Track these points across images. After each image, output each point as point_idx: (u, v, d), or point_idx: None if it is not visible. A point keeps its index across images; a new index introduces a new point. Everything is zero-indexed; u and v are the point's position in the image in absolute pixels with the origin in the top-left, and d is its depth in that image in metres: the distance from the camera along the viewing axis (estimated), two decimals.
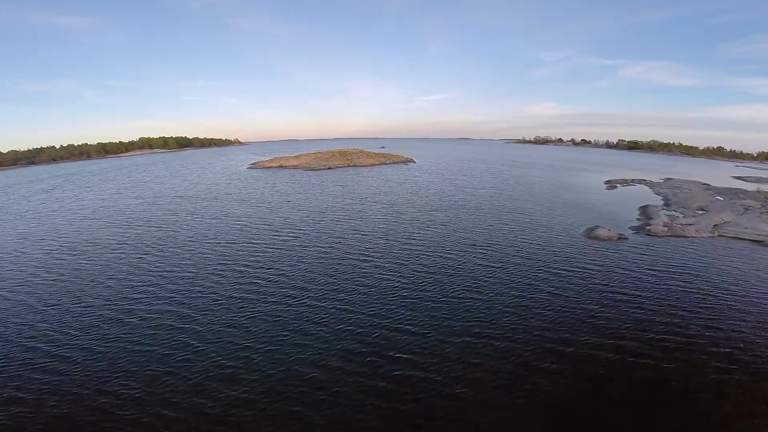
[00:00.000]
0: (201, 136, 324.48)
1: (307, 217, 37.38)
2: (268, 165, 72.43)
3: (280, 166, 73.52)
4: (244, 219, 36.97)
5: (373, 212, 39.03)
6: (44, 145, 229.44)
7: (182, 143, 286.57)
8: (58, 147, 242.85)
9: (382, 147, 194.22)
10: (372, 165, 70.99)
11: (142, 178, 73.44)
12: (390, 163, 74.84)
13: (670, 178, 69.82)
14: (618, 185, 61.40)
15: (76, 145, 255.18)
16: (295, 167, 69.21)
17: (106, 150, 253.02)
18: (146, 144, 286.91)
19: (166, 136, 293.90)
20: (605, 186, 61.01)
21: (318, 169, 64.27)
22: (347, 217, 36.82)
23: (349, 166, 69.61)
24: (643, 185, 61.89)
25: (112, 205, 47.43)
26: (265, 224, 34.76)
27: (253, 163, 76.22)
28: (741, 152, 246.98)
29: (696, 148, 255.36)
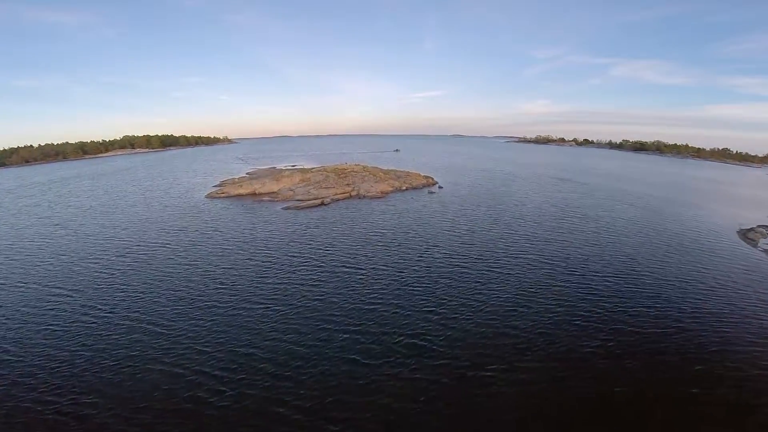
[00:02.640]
0: (189, 134, 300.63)
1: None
2: (237, 192, 50.98)
3: (253, 194, 52.16)
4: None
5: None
6: (30, 144, 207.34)
7: (167, 142, 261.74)
8: (36, 146, 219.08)
9: (397, 150, 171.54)
10: (383, 194, 48.79)
11: (61, 198, 51.50)
12: (407, 189, 52.94)
13: None
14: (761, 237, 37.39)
15: (55, 144, 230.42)
16: (273, 198, 47.86)
17: (84, 150, 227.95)
18: (128, 143, 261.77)
19: (151, 135, 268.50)
20: (748, 242, 36.50)
21: (305, 206, 42.59)
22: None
23: (351, 196, 47.29)
24: None
25: None
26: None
27: (219, 188, 54.18)
28: (746, 154, 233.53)
29: (705, 149, 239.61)
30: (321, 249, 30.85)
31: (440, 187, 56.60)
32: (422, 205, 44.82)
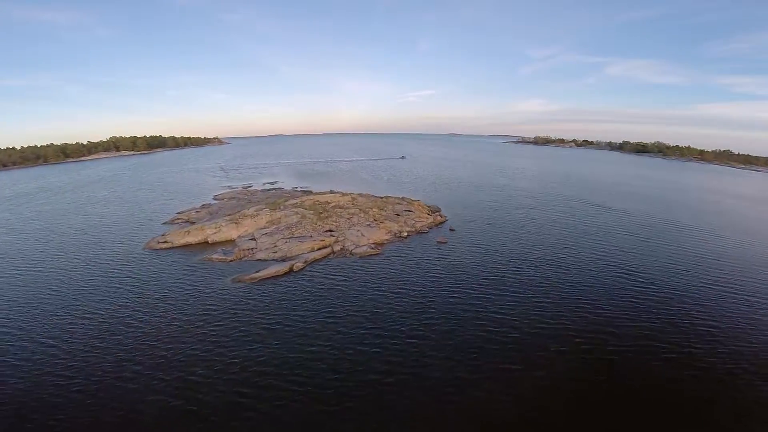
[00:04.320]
0: (185, 133, 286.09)
1: None
2: (184, 241, 37.77)
3: (204, 243, 39.09)
4: None
5: None
6: (13, 146, 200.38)
7: (153, 144, 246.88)
8: (19, 148, 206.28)
9: (402, 157, 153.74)
10: (378, 247, 35.56)
11: None
12: (409, 236, 38.83)
13: None
14: None
15: (39, 145, 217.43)
16: (225, 255, 34.18)
17: (65, 153, 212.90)
18: (113, 145, 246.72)
19: (138, 136, 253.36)
20: None
21: (265, 276, 30.31)
22: None
23: (332, 253, 33.80)
24: None
25: None
26: None
27: (162, 238, 40.45)
28: (750, 156, 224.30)
29: (708, 152, 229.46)
30: (275, 385, 18.22)
31: (451, 230, 42.17)
32: (433, 267, 31.88)
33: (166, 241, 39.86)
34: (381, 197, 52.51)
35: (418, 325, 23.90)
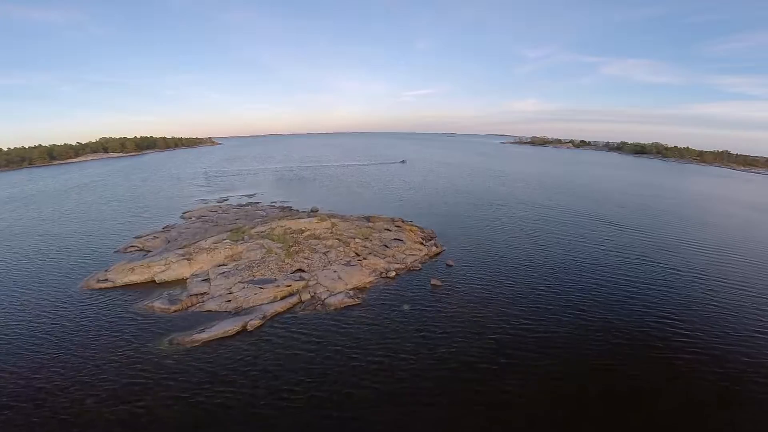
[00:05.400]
0: (180, 133, 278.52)
1: None
2: (128, 280, 30.81)
3: (151, 283, 32.19)
4: None
5: None
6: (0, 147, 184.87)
7: (143, 145, 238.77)
8: (5, 150, 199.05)
9: (403, 161, 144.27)
10: (359, 291, 28.64)
11: None
12: (397, 276, 31.50)
13: None
14: None
15: (27, 147, 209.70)
16: (170, 302, 27.30)
17: (51, 156, 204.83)
18: (101, 147, 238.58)
19: (127, 137, 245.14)
20: None
21: (211, 337, 23.77)
22: None
23: (300, 302, 27.05)
24: None
25: None
26: None
27: (104, 275, 33.12)
28: (749, 157, 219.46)
29: (707, 152, 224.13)
30: None
31: (448, 265, 34.84)
32: (425, 323, 25.11)
33: (107, 279, 33.22)
34: (368, 220, 45.72)
35: (401, 417, 17.40)
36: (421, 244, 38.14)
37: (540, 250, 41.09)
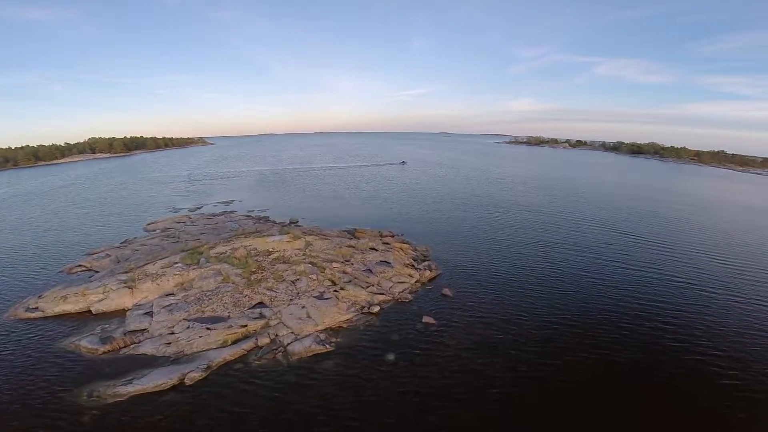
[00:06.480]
0: (163, 135, 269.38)
1: None
2: (60, 310, 24.49)
3: (86, 313, 26.30)
4: None
5: None
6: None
7: (131, 145, 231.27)
8: None
9: (403, 162, 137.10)
10: (326, 340, 22.20)
11: None
12: (380, 311, 25.70)
13: None
14: None
15: (13, 147, 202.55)
16: (101, 341, 21.21)
17: (37, 156, 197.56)
18: (88, 148, 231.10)
19: (116, 138, 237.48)
20: None
21: (143, 391, 18.61)
22: None
23: (256, 348, 21.34)
24: None
25: None
26: None
27: (35, 302, 27.31)
28: (745, 157, 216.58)
29: (704, 152, 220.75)
30: None
31: (444, 296, 28.76)
32: (418, 374, 19.63)
33: (37, 308, 27.79)
34: (352, 235, 40.21)
35: None
36: (413, 267, 32.39)
37: (552, 270, 35.63)
